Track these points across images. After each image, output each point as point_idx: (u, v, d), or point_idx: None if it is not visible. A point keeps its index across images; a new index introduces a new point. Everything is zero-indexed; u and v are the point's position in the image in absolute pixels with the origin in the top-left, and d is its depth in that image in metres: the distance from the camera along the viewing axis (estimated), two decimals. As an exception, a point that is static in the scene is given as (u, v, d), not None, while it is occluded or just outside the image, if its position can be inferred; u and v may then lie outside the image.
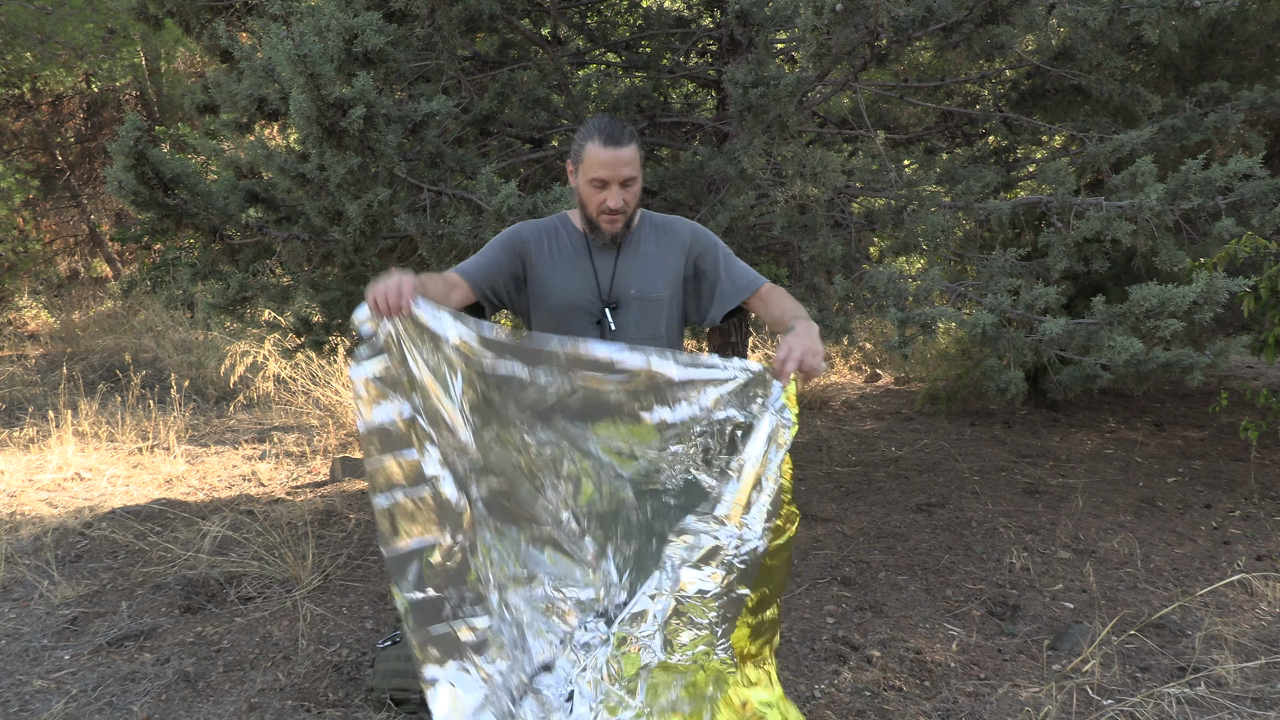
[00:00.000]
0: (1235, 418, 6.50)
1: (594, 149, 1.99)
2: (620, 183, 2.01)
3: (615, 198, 2.01)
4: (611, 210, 2.02)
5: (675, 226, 2.20)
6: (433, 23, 3.26)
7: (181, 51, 12.13)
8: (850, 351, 8.93)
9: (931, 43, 3.22)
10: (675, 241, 2.17)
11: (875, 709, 2.82)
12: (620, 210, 2.03)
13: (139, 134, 2.97)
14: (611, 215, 2.03)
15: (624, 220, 2.06)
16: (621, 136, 1.99)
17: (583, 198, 2.06)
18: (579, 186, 2.07)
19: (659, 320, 2.13)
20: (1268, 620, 3.41)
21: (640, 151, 2.06)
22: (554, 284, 2.10)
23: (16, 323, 10.76)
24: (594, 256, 2.12)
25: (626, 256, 2.13)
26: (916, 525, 4.51)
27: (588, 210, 2.07)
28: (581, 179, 2.05)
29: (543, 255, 2.12)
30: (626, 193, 2.03)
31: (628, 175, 2.00)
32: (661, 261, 2.15)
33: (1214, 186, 3.13)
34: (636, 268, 2.12)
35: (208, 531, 4.28)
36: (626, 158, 1.99)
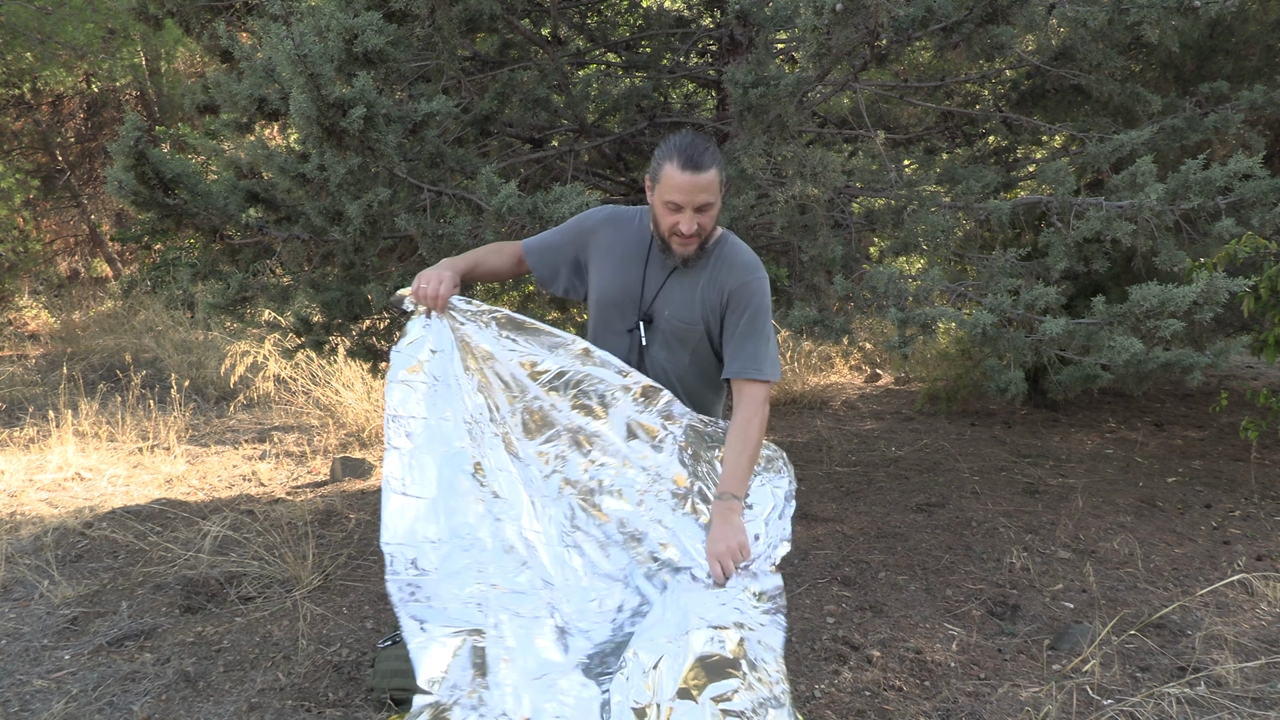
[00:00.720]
0: (1235, 418, 6.50)
1: (671, 170, 1.90)
2: (695, 208, 1.93)
3: (689, 223, 1.93)
4: (683, 235, 1.96)
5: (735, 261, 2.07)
6: (433, 23, 3.26)
7: (181, 51, 12.12)
8: (850, 351, 8.93)
9: (931, 43, 3.22)
10: (724, 274, 2.06)
11: (875, 709, 2.82)
12: (693, 235, 1.96)
13: (139, 134, 2.97)
14: (684, 239, 1.97)
15: (698, 244, 1.99)
16: (702, 160, 1.89)
17: (656, 215, 1.99)
18: (654, 204, 2.00)
19: (685, 350, 2.04)
20: (1268, 620, 3.41)
21: (722, 174, 1.96)
22: (602, 275, 2.07)
23: (16, 323, 10.76)
24: (649, 263, 2.05)
25: (679, 276, 2.05)
26: (916, 525, 4.51)
27: (660, 229, 2.00)
28: (657, 198, 1.97)
29: (602, 245, 2.07)
30: (702, 217, 1.95)
31: (704, 201, 1.92)
32: (705, 293, 2.05)
33: (1214, 186, 3.13)
34: (681, 291, 2.04)
35: (208, 531, 4.28)
36: (704, 184, 1.90)
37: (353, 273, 4.05)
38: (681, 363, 2.05)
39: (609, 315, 2.05)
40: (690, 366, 2.07)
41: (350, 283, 4.08)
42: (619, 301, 2.05)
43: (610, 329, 2.05)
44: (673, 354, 2.04)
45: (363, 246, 3.40)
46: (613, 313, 2.05)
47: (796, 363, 8.44)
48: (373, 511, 4.86)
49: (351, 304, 4.06)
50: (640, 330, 2.03)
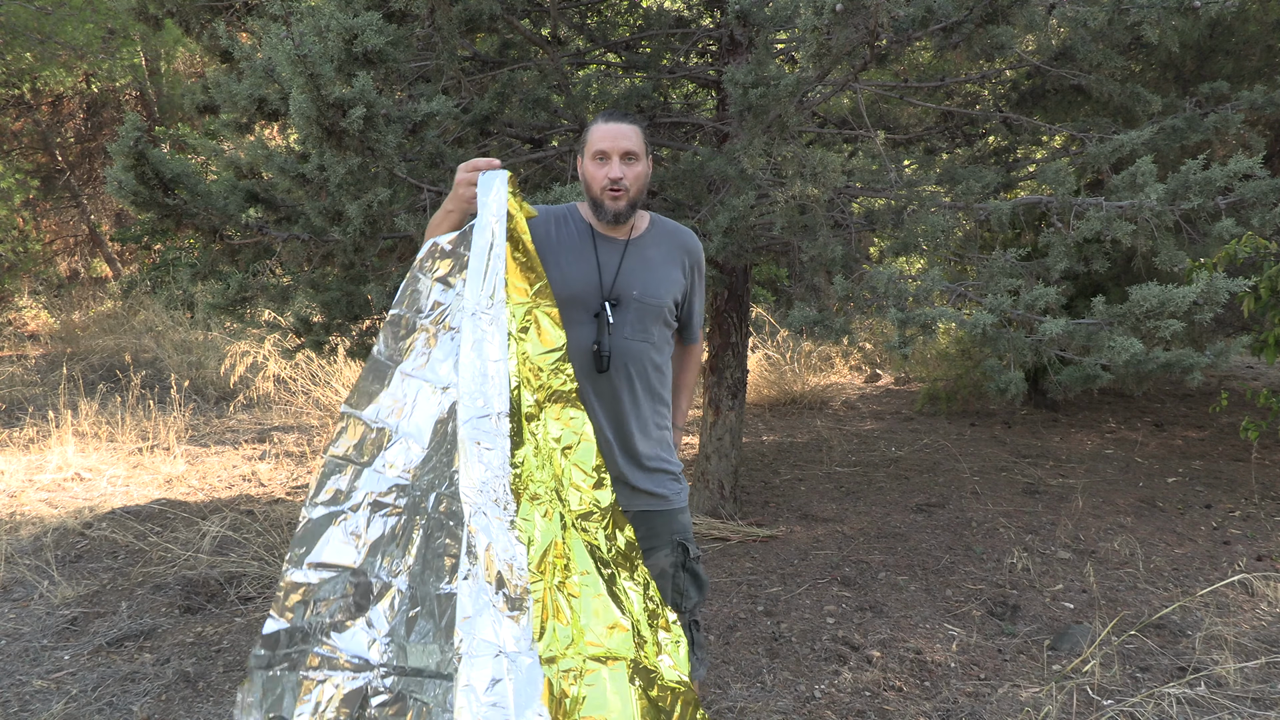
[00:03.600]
0: (1235, 418, 6.50)
1: (596, 125, 2.04)
2: (621, 155, 2.01)
3: (616, 169, 2.00)
4: (613, 181, 2.01)
5: (682, 237, 2.21)
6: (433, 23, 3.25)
7: (181, 51, 12.13)
8: (850, 351, 8.93)
9: (931, 43, 3.22)
10: (680, 252, 2.18)
11: (875, 709, 2.82)
12: (621, 184, 2.01)
13: (139, 134, 2.97)
14: (614, 190, 2.02)
15: (627, 199, 2.03)
16: (624, 117, 2.04)
17: (587, 179, 2.06)
18: (584, 170, 2.08)
19: (653, 325, 2.12)
20: (1268, 620, 3.40)
21: (645, 139, 2.06)
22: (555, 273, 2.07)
23: (16, 323, 10.76)
24: (599, 250, 2.10)
25: (633, 256, 2.11)
26: (916, 525, 4.51)
27: (592, 190, 2.06)
28: (586, 160, 2.06)
29: (549, 242, 2.09)
30: (629, 169, 2.02)
31: (628, 148, 2.01)
32: (666, 269, 2.14)
33: (1214, 187, 3.13)
34: (642, 270, 2.11)
35: (208, 531, 4.28)
36: (627, 131, 2.01)
37: (353, 273, 4.05)
38: (649, 340, 2.11)
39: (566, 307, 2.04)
40: (655, 342, 2.13)
41: (350, 283, 4.07)
42: (579, 292, 2.06)
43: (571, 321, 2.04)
44: (641, 333, 2.09)
45: (363, 246, 3.40)
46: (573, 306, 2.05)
47: (796, 363, 8.44)
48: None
49: (351, 304, 4.06)
50: (607, 313, 2.04)
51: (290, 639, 1.75)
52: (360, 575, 1.76)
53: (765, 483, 5.33)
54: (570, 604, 1.68)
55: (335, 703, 1.71)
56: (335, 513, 1.80)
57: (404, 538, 1.75)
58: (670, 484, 2.16)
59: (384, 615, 1.73)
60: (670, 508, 2.14)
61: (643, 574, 1.87)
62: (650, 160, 2.11)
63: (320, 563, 1.78)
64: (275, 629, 1.76)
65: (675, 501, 2.15)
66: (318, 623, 1.75)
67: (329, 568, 1.77)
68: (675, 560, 2.13)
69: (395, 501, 1.78)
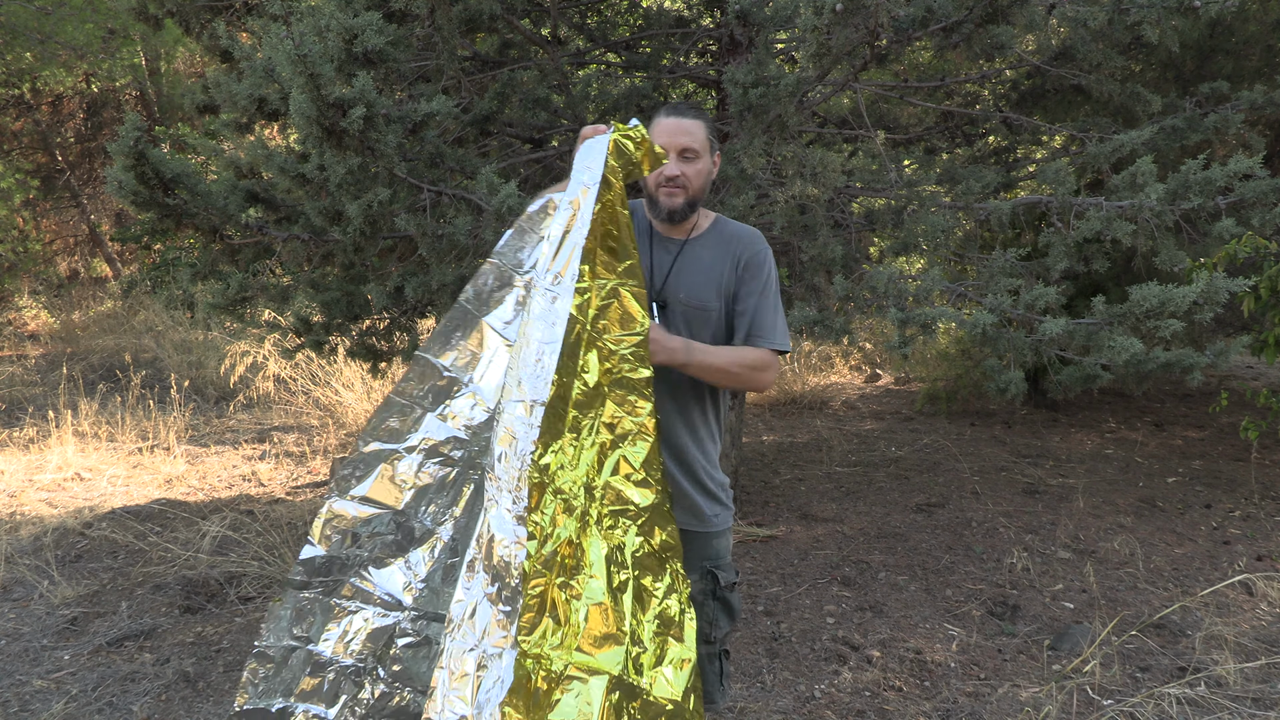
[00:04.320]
0: (1235, 418, 6.50)
1: (658, 120, 1.97)
2: (679, 151, 1.94)
3: (673, 165, 1.93)
4: (669, 179, 1.94)
5: (740, 234, 2.07)
6: (433, 23, 3.25)
7: (181, 51, 12.13)
8: (850, 351, 8.93)
9: (931, 43, 3.22)
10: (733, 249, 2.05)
11: (875, 709, 2.82)
12: (678, 181, 1.94)
13: (139, 134, 2.97)
14: (670, 187, 1.95)
15: (685, 197, 1.96)
16: (686, 110, 1.97)
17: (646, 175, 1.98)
18: None
19: (701, 331, 1.99)
20: (1268, 620, 3.40)
21: (710, 135, 1.98)
22: None
23: (16, 323, 10.76)
24: (654, 249, 2.03)
25: (687, 258, 2.02)
26: (916, 525, 4.51)
27: (649, 187, 1.99)
28: None
29: None
30: (687, 166, 1.95)
31: (686, 144, 1.93)
32: (718, 271, 2.03)
33: (1214, 186, 3.13)
34: (692, 272, 2.01)
35: (208, 531, 4.28)
36: (688, 126, 1.94)
37: (353, 273, 4.05)
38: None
39: None
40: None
41: (350, 283, 4.07)
42: None
43: None
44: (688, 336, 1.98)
45: (363, 246, 3.40)
46: None
47: (796, 363, 8.44)
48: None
49: (351, 304, 4.06)
50: (654, 314, 1.95)
51: (328, 567, 1.75)
52: (404, 517, 1.75)
53: (765, 483, 5.33)
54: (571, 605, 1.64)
55: (362, 636, 1.71)
56: (389, 451, 1.77)
57: (454, 490, 1.74)
58: (710, 504, 2.03)
59: (423, 559, 1.73)
60: (707, 530, 2.02)
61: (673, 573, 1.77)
62: (717, 157, 2.03)
63: (365, 497, 1.77)
64: (312, 555, 1.75)
65: (714, 524, 2.03)
66: (357, 555, 1.75)
67: (373, 504, 1.76)
68: (705, 588, 2.01)
69: (451, 453, 1.76)
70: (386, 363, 4.53)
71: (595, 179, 1.70)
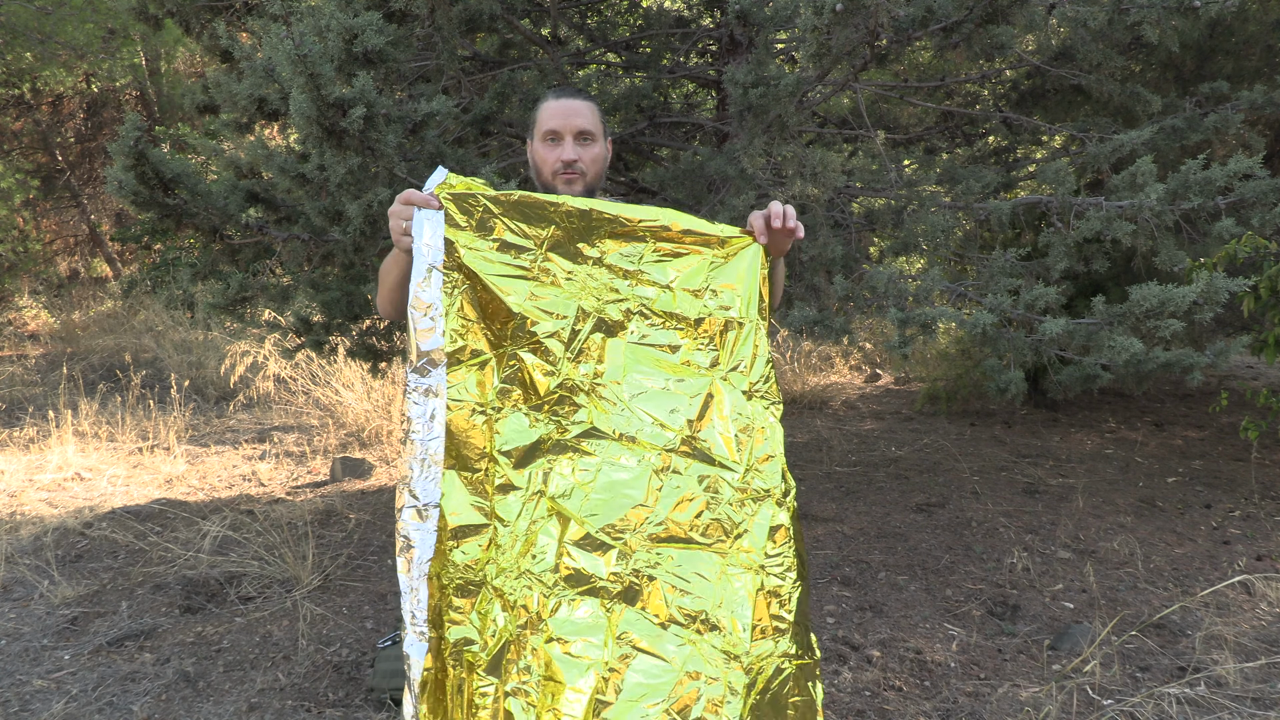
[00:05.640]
0: (1235, 418, 6.50)
1: (545, 104, 1.84)
2: (575, 135, 1.81)
3: (569, 150, 1.80)
4: (566, 164, 1.80)
5: None
6: (433, 23, 3.25)
7: (181, 51, 12.13)
8: (850, 351, 8.93)
9: (931, 43, 3.21)
10: None
11: (875, 709, 2.82)
12: (576, 166, 1.81)
13: (139, 134, 2.97)
14: (568, 174, 1.81)
15: (583, 183, 1.83)
16: (574, 92, 1.85)
17: (537, 164, 1.86)
18: (533, 154, 1.88)
19: None
20: (1268, 620, 3.40)
21: (601, 118, 1.87)
22: None
23: (16, 323, 10.76)
24: None
25: None
26: (916, 525, 4.51)
27: (543, 175, 1.85)
28: (535, 142, 1.86)
29: None
30: (583, 150, 1.82)
31: (582, 126, 1.81)
32: None
33: (1214, 186, 3.13)
34: None
35: (208, 531, 4.28)
36: (580, 108, 1.82)
37: (353, 273, 4.05)
38: None
39: None
40: None
41: (350, 283, 4.08)
42: None
43: None
44: None
45: (363, 246, 3.40)
46: None
47: (796, 362, 8.45)
48: (373, 511, 4.86)
49: (351, 304, 4.06)
50: None
51: None
52: None
53: (765, 483, 5.32)
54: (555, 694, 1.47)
55: None
56: None
57: None
58: None
59: None
60: None
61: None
62: (609, 142, 1.91)
63: None
64: None
65: None
66: None
67: None
68: None
69: None
70: (386, 363, 4.54)
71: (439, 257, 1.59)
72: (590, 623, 1.50)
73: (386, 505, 4.98)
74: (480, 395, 1.61)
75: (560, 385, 1.63)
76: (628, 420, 1.63)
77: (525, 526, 1.56)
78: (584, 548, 1.54)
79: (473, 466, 1.59)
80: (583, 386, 1.63)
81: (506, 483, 1.58)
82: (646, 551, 1.56)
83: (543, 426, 1.61)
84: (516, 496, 1.58)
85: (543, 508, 1.57)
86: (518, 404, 1.62)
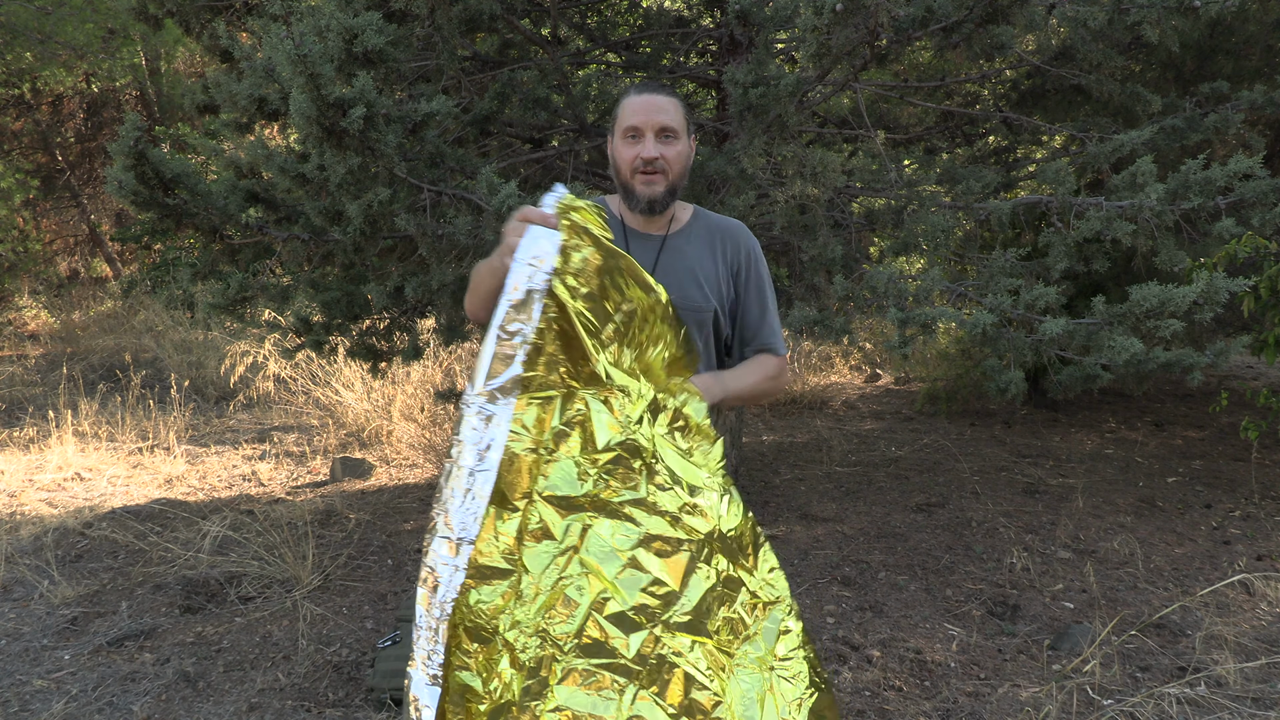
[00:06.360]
0: (1235, 418, 6.50)
1: (628, 99, 1.75)
2: (656, 131, 1.72)
3: (650, 148, 1.71)
4: (646, 162, 1.72)
5: (727, 227, 1.89)
6: (433, 23, 3.26)
7: (181, 51, 12.13)
8: (850, 351, 8.93)
9: (931, 43, 3.22)
10: (724, 244, 1.86)
11: (875, 709, 2.82)
12: (657, 164, 1.72)
13: (139, 134, 2.97)
14: (648, 173, 1.73)
15: (665, 183, 1.74)
16: (659, 87, 1.76)
17: (617, 162, 1.77)
18: (613, 152, 1.79)
19: (696, 337, 1.78)
20: (1268, 620, 3.40)
21: (687, 115, 1.77)
22: None
23: (16, 323, 10.76)
24: (631, 249, 1.79)
25: (670, 255, 1.80)
26: (916, 525, 4.51)
27: (623, 175, 1.76)
28: (616, 139, 1.77)
29: None
30: (665, 147, 1.73)
31: (664, 123, 1.72)
32: (707, 268, 1.82)
33: (1214, 186, 3.13)
34: (677, 271, 1.79)
35: (208, 531, 4.28)
36: (664, 104, 1.73)
37: (353, 273, 4.05)
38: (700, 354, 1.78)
39: None
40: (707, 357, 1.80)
41: (350, 283, 4.08)
42: None
43: None
44: None
45: (363, 246, 3.40)
46: None
47: (797, 363, 8.44)
48: (373, 511, 4.86)
49: (351, 304, 4.06)
50: None
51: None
52: None
53: (765, 483, 5.33)
54: None
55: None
56: None
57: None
58: None
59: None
60: None
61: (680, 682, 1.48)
62: (694, 140, 1.81)
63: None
64: None
65: None
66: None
67: None
68: None
69: None
70: (386, 363, 4.54)
71: (542, 281, 1.49)
72: (599, 700, 1.40)
73: (386, 505, 4.98)
74: (538, 432, 1.51)
75: (621, 445, 1.54)
76: (674, 499, 1.54)
77: (552, 581, 1.46)
78: (614, 622, 1.44)
79: (511, 504, 1.49)
80: (643, 454, 1.55)
81: (542, 530, 1.49)
82: (671, 637, 1.46)
83: (590, 483, 1.52)
84: (549, 547, 1.48)
85: (575, 565, 1.47)
86: (572, 451, 1.52)
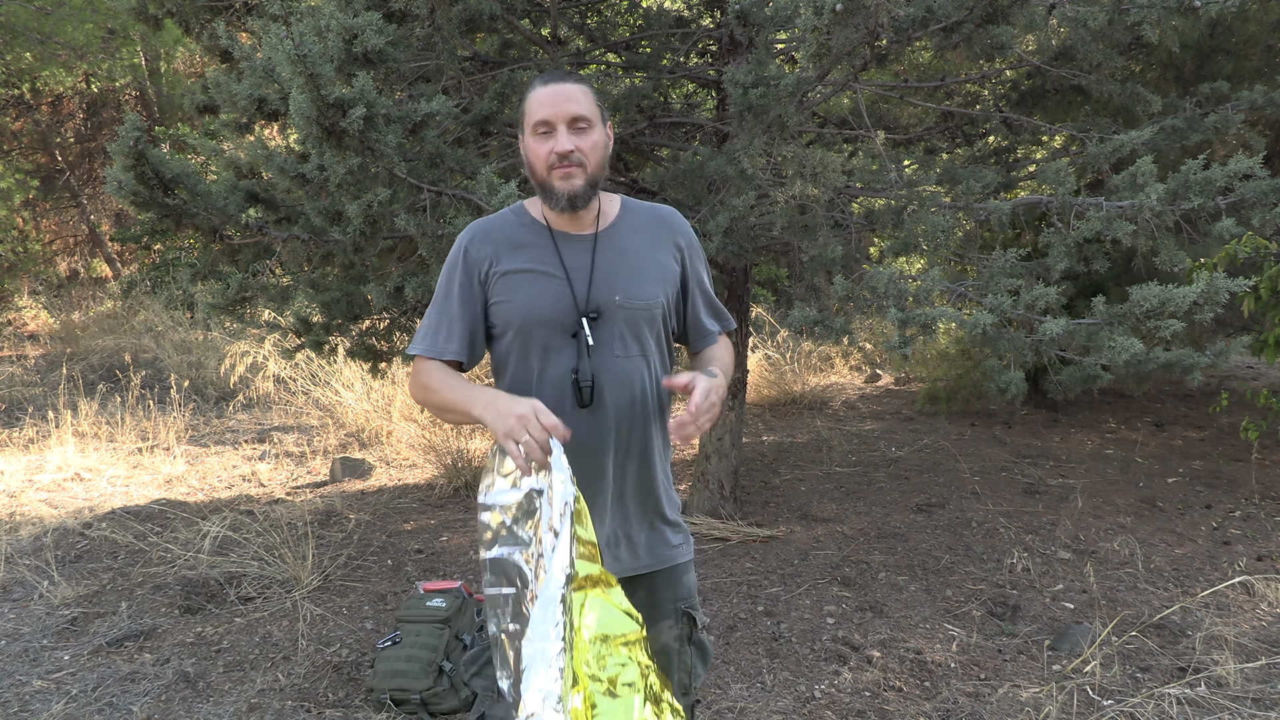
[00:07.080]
0: (1235, 418, 6.50)
1: (533, 93, 1.62)
2: (568, 122, 1.59)
3: (564, 140, 1.58)
4: (561, 157, 1.59)
5: (661, 214, 1.79)
6: (433, 23, 3.25)
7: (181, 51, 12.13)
8: (850, 352, 8.93)
9: (931, 43, 3.21)
10: (664, 232, 1.76)
11: (875, 709, 2.82)
12: (573, 157, 1.59)
13: (139, 134, 2.97)
14: (564, 167, 1.59)
15: (584, 176, 1.61)
16: (565, 75, 1.63)
17: (530, 160, 1.64)
18: (525, 150, 1.65)
19: (647, 333, 1.70)
20: (1268, 621, 3.40)
21: (598, 101, 1.65)
22: (517, 296, 1.64)
23: (16, 323, 10.76)
24: (562, 252, 1.66)
25: (607, 253, 1.68)
26: (916, 525, 4.51)
27: (538, 173, 1.63)
28: (527, 137, 1.64)
29: (499, 263, 1.66)
30: (580, 138, 1.60)
31: (575, 113, 1.59)
32: (652, 259, 1.72)
33: (1214, 187, 3.13)
34: (621, 267, 1.68)
35: (208, 531, 4.28)
36: (572, 93, 1.60)
37: (353, 273, 4.05)
38: (644, 354, 1.69)
39: (536, 336, 1.64)
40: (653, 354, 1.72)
41: (350, 283, 4.08)
42: (547, 313, 1.63)
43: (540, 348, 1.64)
44: (634, 345, 1.68)
45: (363, 246, 3.40)
46: (542, 330, 1.64)
47: (796, 363, 8.44)
48: (372, 511, 4.86)
49: (351, 304, 4.06)
50: (585, 329, 1.63)
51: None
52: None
53: (765, 483, 5.33)
54: None
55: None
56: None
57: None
58: (674, 532, 1.77)
59: None
60: (674, 563, 1.76)
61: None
62: (610, 127, 1.69)
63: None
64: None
65: (680, 555, 1.78)
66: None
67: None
68: (681, 634, 1.76)
69: None
70: (386, 363, 4.54)
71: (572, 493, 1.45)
72: None
73: (386, 505, 4.98)
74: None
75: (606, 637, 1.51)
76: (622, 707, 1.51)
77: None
78: None
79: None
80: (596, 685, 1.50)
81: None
82: None
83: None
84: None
85: None
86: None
